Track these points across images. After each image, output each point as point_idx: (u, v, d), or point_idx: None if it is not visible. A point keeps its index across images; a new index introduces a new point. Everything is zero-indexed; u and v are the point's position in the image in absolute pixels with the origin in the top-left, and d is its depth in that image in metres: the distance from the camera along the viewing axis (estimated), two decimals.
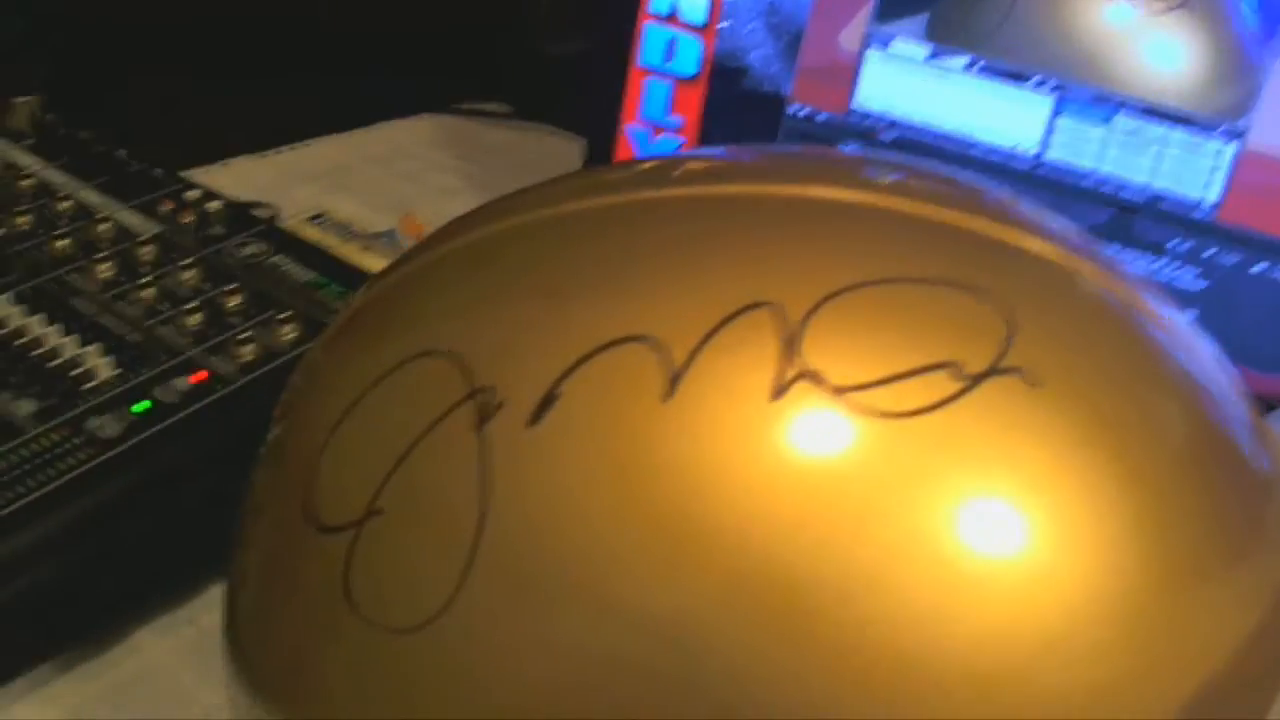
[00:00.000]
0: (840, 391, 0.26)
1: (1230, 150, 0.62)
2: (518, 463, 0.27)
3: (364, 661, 0.28)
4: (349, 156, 0.93)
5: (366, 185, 0.88)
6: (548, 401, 0.27)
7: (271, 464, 0.33)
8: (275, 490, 0.32)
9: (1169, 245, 0.64)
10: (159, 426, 0.51)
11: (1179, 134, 0.63)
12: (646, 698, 0.25)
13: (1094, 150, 0.64)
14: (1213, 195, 0.63)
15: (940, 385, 0.26)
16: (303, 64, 0.93)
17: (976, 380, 0.26)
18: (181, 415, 0.51)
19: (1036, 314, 0.28)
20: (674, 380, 0.26)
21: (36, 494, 0.47)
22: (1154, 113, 0.63)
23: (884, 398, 0.26)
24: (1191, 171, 0.63)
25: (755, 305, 0.27)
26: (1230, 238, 0.63)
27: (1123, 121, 0.63)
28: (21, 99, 0.73)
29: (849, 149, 0.67)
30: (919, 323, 0.27)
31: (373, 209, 0.83)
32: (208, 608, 0.52)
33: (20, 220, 0.63)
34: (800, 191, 0.30)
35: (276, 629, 0.31)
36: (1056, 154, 0.65)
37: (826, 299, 0.27)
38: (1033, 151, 0.65)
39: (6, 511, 0.46)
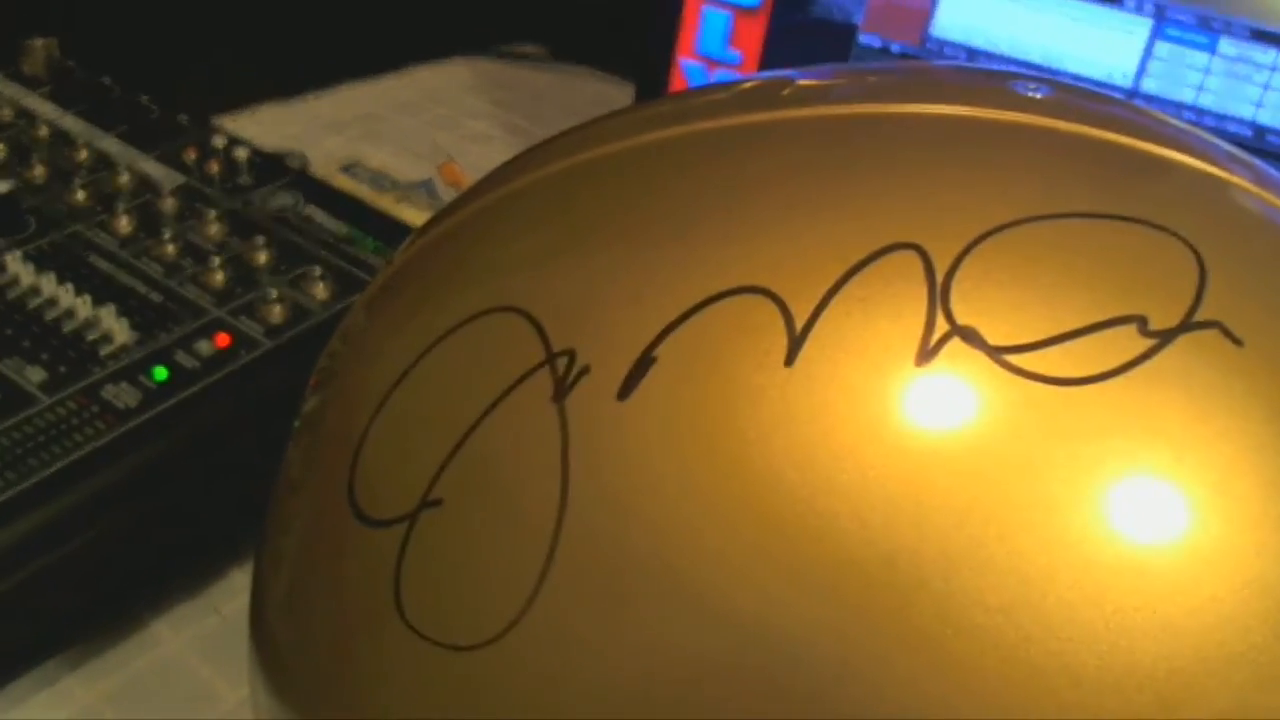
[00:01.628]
0: (1001, 353, 0.21)
1: None
2: (606, 441, 0.22)
3: (418, 681, 0.23)
4: (380, 103, 0.88)
5: (399, 133, 0.83)
6: (641, 368, 0.22)
7: (308, 440, 0.28)
8: (313, 470, 0.27)
9: None
10: (180, 395, 0.46)
11: None
12: (749, 707, 0.21)
13: (1195, 80, 0.59)
14: None
15: (1123, 344, 0.21)
16: (330, 6, 0.88)
17: (1168, 337, 0.21)
18: (204, 383, 0.47)
19: (1223, 250, 0.23)
20: (796, 341, 0.22)
21: (48, 470, 0.43)
22: (1262, 36, 0.57)
23: (1054, 360, 0.21)
24: None
25: (893, 248, 0.22)
26: None
27: (1227, 46, 0.58)
28: (37, 41, 0.68)
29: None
30: (1092, 267, 0.22)
31: (407, 158, 0.78)
32: (231, 594, 0.47)
33: (34, 172, 0.59)
34: (936, 110, 0.25)
35: (311, 627, 0.26)
36: (1153, 84, 0.59)
37: (980, 239, 0.22)
38: (1128, 83, 0.59)
39: (15, 491, 0.42)
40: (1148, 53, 0.59)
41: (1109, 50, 0.59)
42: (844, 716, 0.20)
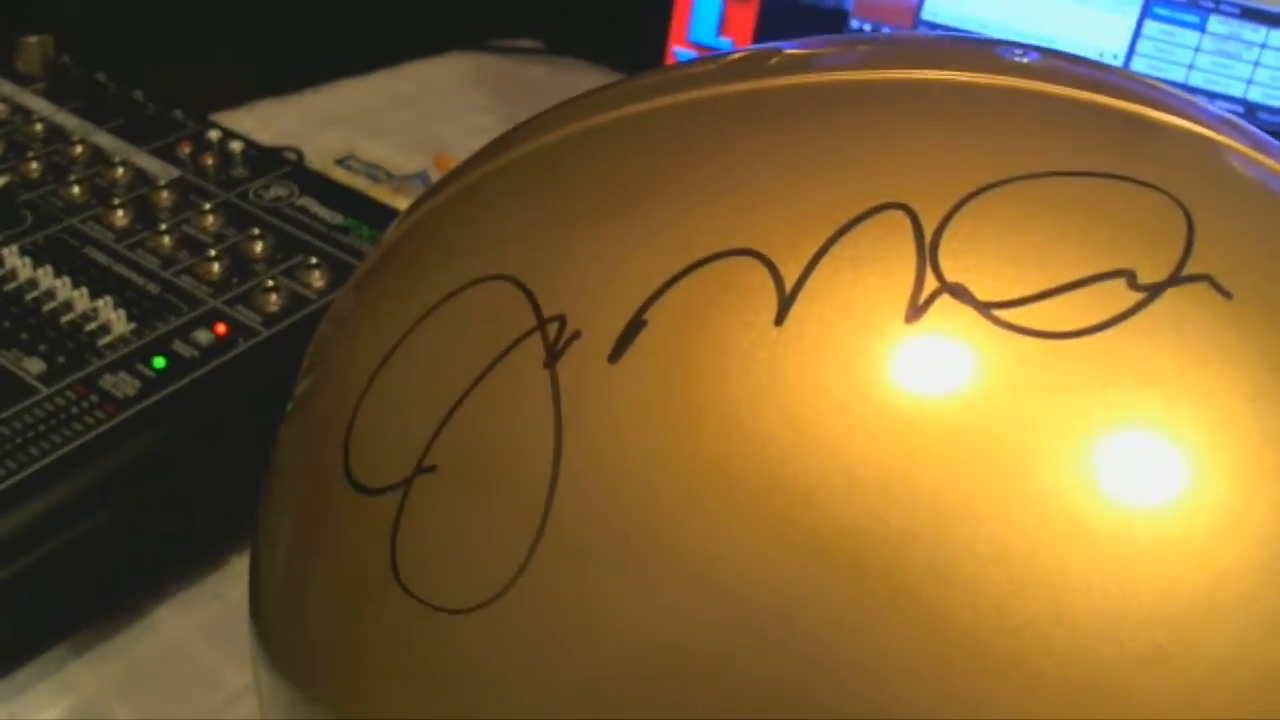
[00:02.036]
0: (990, 308, 0.21)
1: None
2: (597, 405, 0.22)
3: (416, 647, 0.23)
4: (377, 98, 0.88)
5: (396, 127, 0.83)
6: (632, 331, 0.22)
7: (301, 418, 0.28)
8: (306, 447, 0.27)
9: None
10: (178, 384, 0.46)
11: (1279, 37, 0.57)
12: (744, 675, 0.21)
13: (1185, 59, 0.59)
14: None
15: (1113, 297, 0.21)
16: (327, 3, 0.88)
17: (1157, 290, 0.21)
18: (202, 371, 0.47)
19: (1213, 208, 0.23)
20: (787, 301, 0.22)
21: (48, 459, 0.43)
22: (1252, 14, 0.57)
23: (1044, 315, 0.21)
24: None
25: (881, 208, 0.22)
26: None
27: (1217, 25, 0.58)
28: (32, 38, 0.68)
29: None
30: (1081, 223, 0.22)
31: (404, 151, 0.78)
32: (233, 580, 0.47)
33: (30, 167, 0.59)
34: (924, 75, 0.25)
35: (309, 605, 0.26)
36: (1143, 64, 0.59)
37: (968, 198, 0.22)
38: (1118, 63, 0.59)
39: (16, 479, 0.42)
40: (1137, 32, 0.59)
41: (1099, 30, 0.59)
42: (840, 676, 0.20)
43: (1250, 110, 0.59)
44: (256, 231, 0.55)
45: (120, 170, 0.59)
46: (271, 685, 0.28)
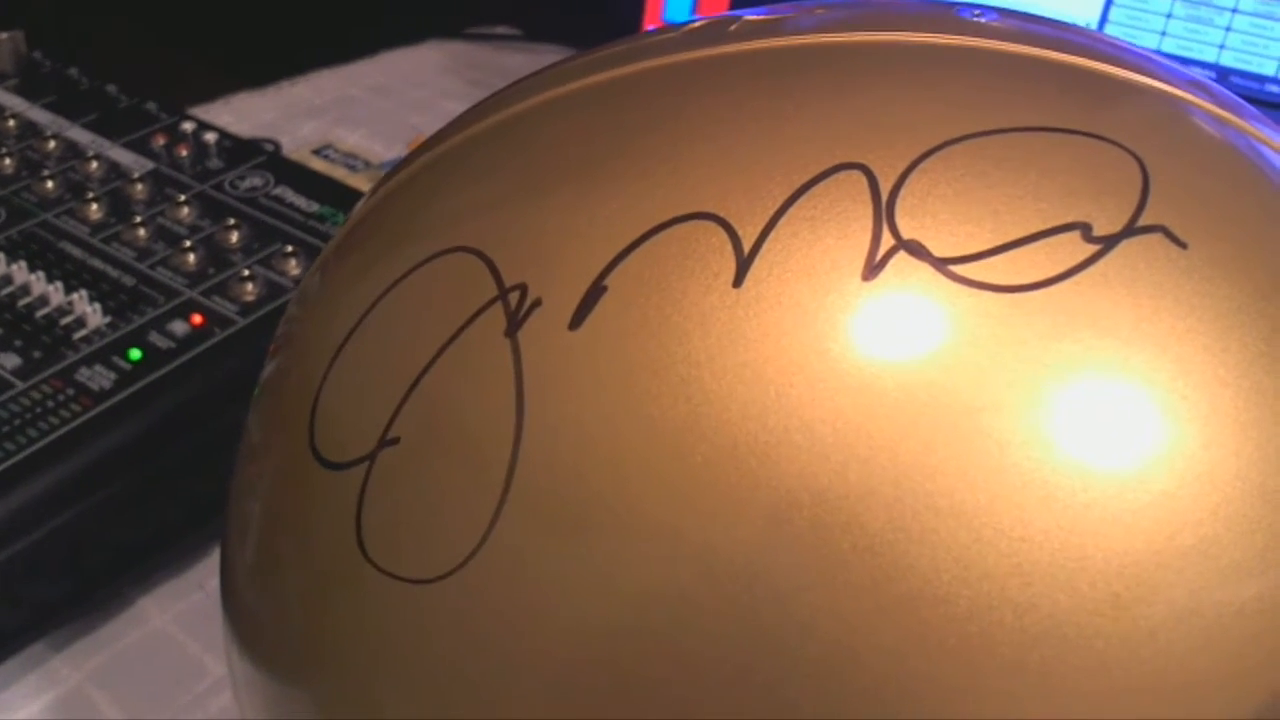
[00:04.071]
0: (946, 264, 0.21)
1: None
2: (559, 372, 0.22)
3: (383, 620, 0.23)
4: (355, 87, 0.88)
5: (374, 116, 0.83)
6: (592, 297, 0.22)
7: (268, 403, 0.28)
8: (272, 428, 0.27)
9: None
10: (155, 375, 0.46)
11: (1250, 1, 0.57)
12: (707, 639, 0.21)
13: (1158, 25, 0.59)
14: None
15: (1068, 250, 0.21)
16: None
17: (1112, 242, 0.21)
18: (178, 362, 0.47)
19: (1167, 159, 0.23)
20: (745, 262, 0.22)
21: (25, 453, 0.43)
22: None
23: (1000, 269, 0.21)
24: (1262, 46, 0.58)
25: (838, 168, 0.22)
26: None
27: None
28: (3, 35, 0.68)
29: None
30: (1035, 177, 0.22)
31: (382, 140, 0.78)
32: (215, 570, 0.47)
33: (3, 164, 0.59)
34: (879, 38, 0.25)
35: (280, 587, 0.26)
36: (1116, 31, 0.59)
37: (923, 156, 0.22)
38: (1092, 25, 0.59)
39: None
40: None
41: None
42: (802, 634, 0.20)
43: (1223, 75, 0.59)
44: (232, 222, 0.54)
45: (94, 164, 0.58)
46: (245, 673, 0.28)
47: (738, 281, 0.22)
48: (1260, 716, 0.20)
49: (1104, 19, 0.59)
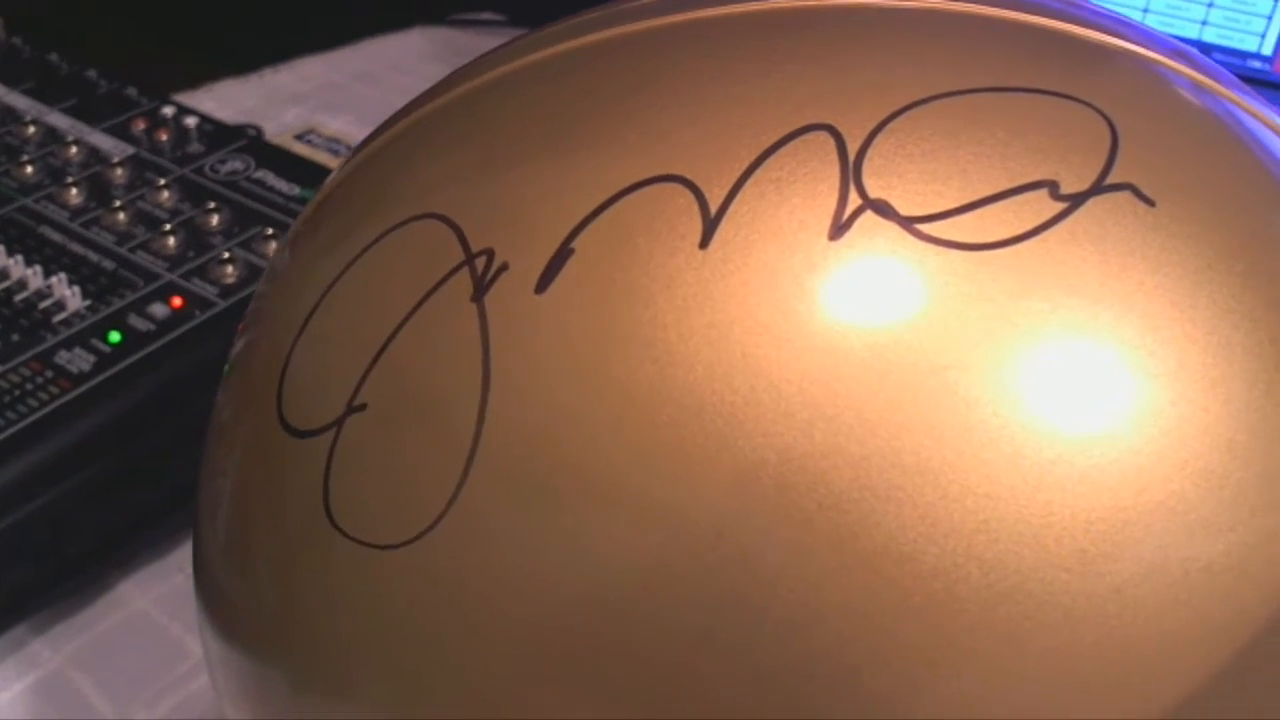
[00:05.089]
0: (913, 222, 0.21)
1: None
2: (525, 335, 0.22)
3: (352, 587, 0.23)
4: (339, 74, 0.87)
5: (359, 103, 0.83)
6: (558, 261, 0.22)
7: (237, 379, 0.28)
8: (242, 403, 0.27)
9: None
10: (134, 357, 0.46)
11: None
12: (674, 601, 0.20)
13: (1140, 2, 0.59)
14: (1268, 47, 0.58)
15: (1035, 208, 0.21)
16: None
17: (1079, 200, 0.21)
18: (158, 344, 0.47)
19: (1137, 120, 0.23)
20: (711, 224, 0.22)
21: (3, 435, 0.42)
22: None
23: (967, 227, 0.21)
24: (1245, 22, 0.57)
25: (806, 129, 0.22)
26: None
27: None
28: None
29: None
30: (1004, 136, 0.22)
31: (366, 126, 0.78)
32: None
33: None
34: (855, 1, 0.25)
35: (251, 562, 0.26)
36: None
37: (891, 117, 0.22)
38: None
39: None
40: None
41: None
42: (768, 593, 0.20)
43: (1205, 51, 0.59)
44: (212, 205, 0.54)
45: (74, 149, 0.58)
46: (220, 653, 0.28)
47: (704, 243, 0.21)
48: (1229, 673, 0.20)
49: None
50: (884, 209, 0.21)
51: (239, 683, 0.27)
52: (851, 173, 0.22)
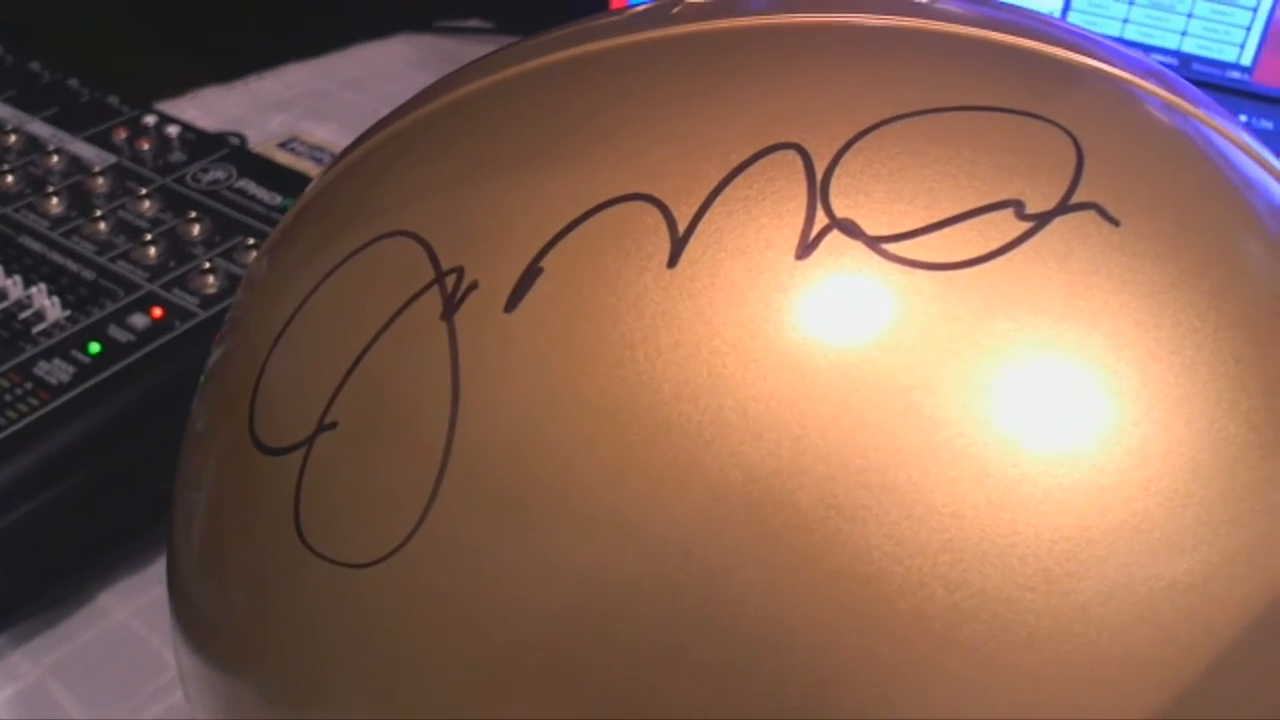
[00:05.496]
0: (879, 242, 0.21)
1: (1266, 6, 0.56)
2: (494, 354, 0.22)
3: (323, 606, 0.23)
4: (324, 81, 0.87)
5: (344, 110, 0.83)
6: (528, 279, 0.22)
7: (212, 390, 0.28)
8: (216, 415, 0.27)
9: None
10: (114, 368, 0.46)
11: None
12: (643, 619, 0.21)
13: (1120, 13, 0.59)
14: (1247, 58, 0.58)
15: (1000, 228, 0.21)
16: None
17: (1044, 219, 0.22)
18: (138, 355, 0.47)
19: (1104, 139, 0.23)
20: (679, 243, 0.22)
21: None
22: None
23: (933, 247, 0.21)
24: (1224, 32, 0.58)
25: (774, 148, 0.22)
26: (1266, 101, 0.58)
27: None
28: None
29: None
30: (970, 156, 0.22)
31: (351, 134, 0.78)
32: None
33: None
34: (818, 20, 0.25)
35: (223, 579, 0.26)
36: (1078, 18, 0.59)
37: (858, 136, 0.22)
38: (1055, 14, 0.59)
39: None
40: None
41: None
42: (735, 612, 0.20)
43: (1185, 62, 0.59)
44: (194, 215, 0.54)
45: (55, 158, 0.58)
46: (193, 668, 0.28)
47: (672, 262, 0.22)
48: (1194, 691, 0.21)
49: (1067, 6, 0.60)
50: (851, 228, 0.21)
51: (211, 695, 0.27)
52: (819, 192, 0.22)
